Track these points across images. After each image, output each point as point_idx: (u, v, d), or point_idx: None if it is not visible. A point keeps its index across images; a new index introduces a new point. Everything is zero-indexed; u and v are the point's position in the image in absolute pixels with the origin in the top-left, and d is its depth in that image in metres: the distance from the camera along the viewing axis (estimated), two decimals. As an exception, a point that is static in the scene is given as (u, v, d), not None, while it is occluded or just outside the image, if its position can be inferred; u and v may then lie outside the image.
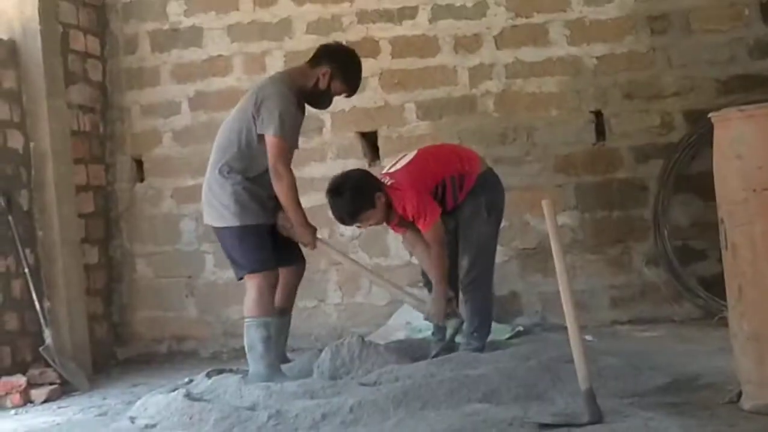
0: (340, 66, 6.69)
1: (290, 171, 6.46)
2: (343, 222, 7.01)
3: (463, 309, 6.91)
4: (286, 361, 6.75)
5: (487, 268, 6.95)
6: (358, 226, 7.17)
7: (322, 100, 6.76)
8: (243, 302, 6.49)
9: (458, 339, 6.87)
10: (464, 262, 6.83)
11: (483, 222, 6.85)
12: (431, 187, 6.79)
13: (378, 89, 8.48)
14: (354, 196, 6.71)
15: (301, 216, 6.58)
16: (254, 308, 6.41)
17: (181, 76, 8.65)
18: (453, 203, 6.87)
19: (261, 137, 6.39)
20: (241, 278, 6.53)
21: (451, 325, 6.77)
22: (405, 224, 6.91)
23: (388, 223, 6.97)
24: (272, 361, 6.39)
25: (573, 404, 5.11)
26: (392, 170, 6.94)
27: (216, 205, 6.44)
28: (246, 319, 6.44)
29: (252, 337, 6.40)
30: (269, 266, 6.48)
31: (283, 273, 6.61)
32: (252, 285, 6.42)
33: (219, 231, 6.52)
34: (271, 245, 6.51)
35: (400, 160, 7.03)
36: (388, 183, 6.80)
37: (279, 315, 6.59)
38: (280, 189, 6.43)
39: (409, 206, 6.70)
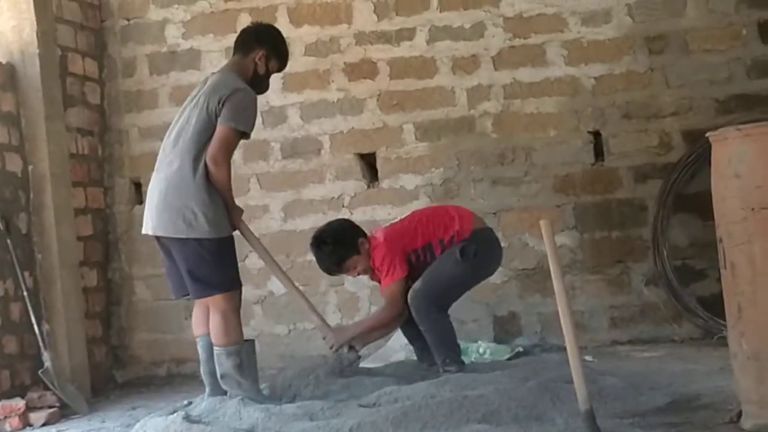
0: (271, 44, 6.62)
1: (229, 163, 6.32)
2: (330, 272, 7.04)
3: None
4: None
5: (438, 295, 6.74)
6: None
7: (263, 84, 6.65)
8: (214, 327, 6.29)
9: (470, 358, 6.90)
10: (416, 283, 6.73)
11: (453, 261, 6.75)
12: (409, 249, 6.79)
13: (376, 110, 8.49)
14: (336, 243, 6.78)
15: (232, 198, 6.41)
16: (222, 337, 6.26)
17: (180, 98, 8.56)
18: None
19: None
20: (198, 298, 6.40)
21: (343, 357, 6.75)
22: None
23: (372, 276, 6.99)
24: (250, 386, 6.30)
25: (573, 425, 5.09)
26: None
27: (187, 215, 6.13)
28: (215, 348, 6.32)
29: (224, 366, 6.28)
30: (238, 284, 6.38)
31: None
32: (216, 309, 6.27)
33: (184, 243, 6.21)
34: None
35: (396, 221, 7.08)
36: (371, 234, 6.88)
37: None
38: (219, 175, 6.21)
39: (377, 258, 6.74)
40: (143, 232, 6.49)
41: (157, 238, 6.38)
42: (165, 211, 6.21)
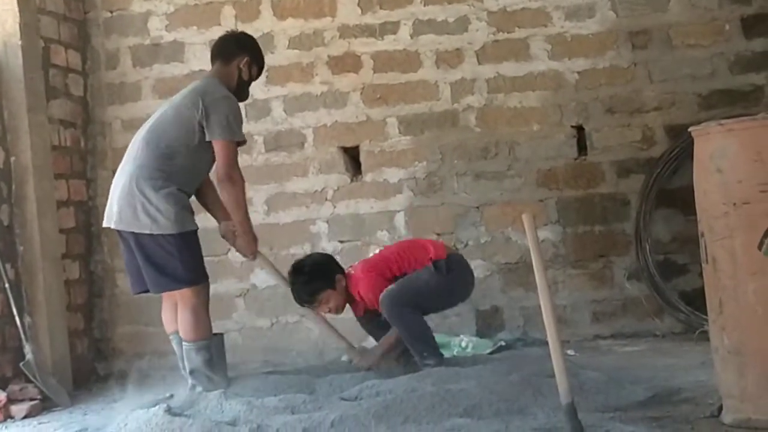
0: (252, 50, 6.64)
1: (242, 176, 6.38)
2: (302, 302, 6.89)
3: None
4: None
5: (410, 298, 6.63)
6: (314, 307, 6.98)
7: (246, 92, 6.67)
8: (183, 322, 6.31)
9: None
10: (390, 286, 6.66)
11: (428, 272, 6.72)
12: (389, 275, 6.74)
13: (360, 104, 8.48)
14: (314, 273, 6.76)
15: (249, 224, 6.53)
16: (192, 332, 6.27)
17: (163, 91, 8.60)
18: None
19: (204, 145, 6.28)
20: (163, 291, 6.38)
21: (382, 373, 6.65)
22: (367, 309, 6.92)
23: (354, 309, 6.98)
24: (220, 381, 6.30)
25: (554, 419, 5.11)
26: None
27: (151, 211, 6.12)
28: (185, 344, 6.32)
29: (194, 361, 6.29)
30: (205, 277, 6.36)
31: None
32: (185, 304, 6.27)
33: (149, 239, 6.19)
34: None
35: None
36: (347, 271, 6.87)
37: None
38: (234, 194, 6.32)
39: (362, 290, 6.73)
40: (105, 224, 6.48)
41: (119, 232, 6.38)
42: (128, 206, 6.21)
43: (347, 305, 6.95)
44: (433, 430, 5.18)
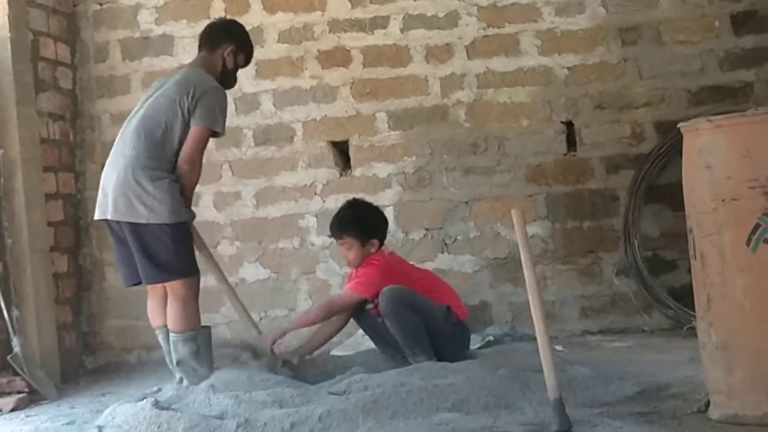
0: (239, 38, 6.65)
1: (201, 165, 6.38)
2: (335, 229, 6.93)
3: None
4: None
5: (411, 304, 6.57)
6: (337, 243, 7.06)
7: (232, 80, 6.68)
8: (173, 312, 6.31)
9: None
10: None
11: (438, 309, 6.66)
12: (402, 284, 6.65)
13: (349, 98, 8.47)
14: (362, 218, 6.80)
15: (191, 200, 6.45)
16: (180, 323, 6.27)
17: (152, 84, 8.59)
18: None
19: None
20: (155, 282, 6.37)
21: (266, 360, 6.69)
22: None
23: (350, 277, 6.99)
24: (206, 374, 6.30)
25: (542, 413, 5.12)
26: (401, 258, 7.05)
27: (148, 201, 6.12)
28: (172, 335, 6.32)
29: (181, 352, 6.29)
30: (196, 270, 6.38)
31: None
32: (175, 295, 6.27)
33: (145, 229, 6.18)
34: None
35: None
36: (385, 250, 6.88)
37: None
38: (191, 175, 6.29)
39: (367, 268, 6.73)
40: (97, 217, 6.47)
41: (109, 225, 6.39)
42: (123, 196, 6.20)
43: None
44: (422, 424, 5.19)
